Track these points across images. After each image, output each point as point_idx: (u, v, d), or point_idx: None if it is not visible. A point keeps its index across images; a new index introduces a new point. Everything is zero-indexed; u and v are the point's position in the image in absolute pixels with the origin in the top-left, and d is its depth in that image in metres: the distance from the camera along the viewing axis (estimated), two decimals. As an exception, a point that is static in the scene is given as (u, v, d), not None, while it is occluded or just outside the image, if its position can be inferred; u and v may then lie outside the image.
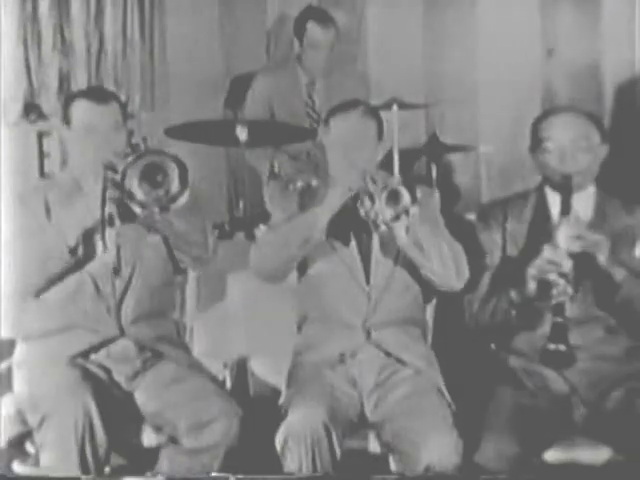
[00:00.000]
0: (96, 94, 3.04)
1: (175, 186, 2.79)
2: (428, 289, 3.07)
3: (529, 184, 3.12)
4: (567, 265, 2.74)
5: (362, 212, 2.85)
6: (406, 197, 2.79)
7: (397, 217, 2.81)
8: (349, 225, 2.99)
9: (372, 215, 2.82)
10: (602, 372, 2.88)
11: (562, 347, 2.74)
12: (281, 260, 2.98)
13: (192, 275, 3.25)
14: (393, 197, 2.80)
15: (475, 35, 5.04)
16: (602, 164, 3.00)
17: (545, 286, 2.77)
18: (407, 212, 2.79)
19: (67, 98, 3.12)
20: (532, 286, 2.79)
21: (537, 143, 2.97)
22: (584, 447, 2.80)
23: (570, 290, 2.74)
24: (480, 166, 5.06)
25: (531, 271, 2.78)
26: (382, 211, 2.81)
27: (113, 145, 2.92)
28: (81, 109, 2.98)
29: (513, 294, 2.84)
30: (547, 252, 2.76)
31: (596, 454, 2.79)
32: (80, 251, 2.89)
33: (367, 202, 2.84)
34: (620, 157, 4.64)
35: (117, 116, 2.99)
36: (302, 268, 3.07)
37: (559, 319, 2.75)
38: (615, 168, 4.42)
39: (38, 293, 2.94)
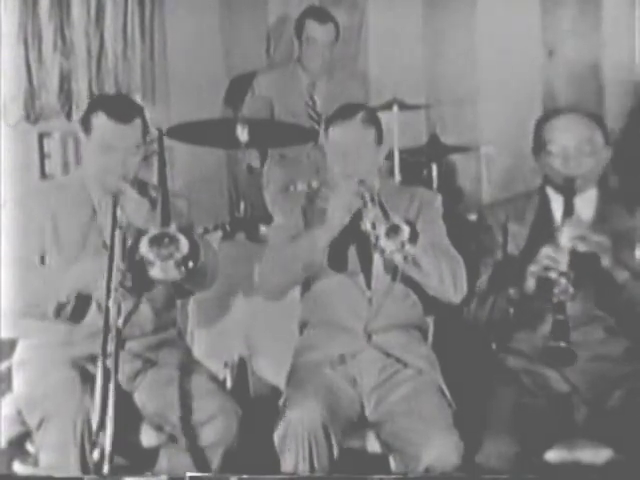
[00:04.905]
0: (120, 111, 2.89)
1: (183, 259, 2.70)
2: (428, 301, 3.07)
3: (530, 185, 3.12)
4: (567, 264, 2.73)
5: (363, 228, 2.86)
6: (405, 233, 2.78)
7: (396, 250, 2.80)
8: (350, 237, 2.99)
9: (372, 239, 2.82)
10: (602, 372, 2.88)
11: (562, 344, 2.73)
12: (286, 284, 3.02)
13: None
14: (393, 231, 2.79)
15: (475, 35, 5.04)
16: (604, 166, 3.00)
17: (545, 284, 2.76)
18: (404, 246, 2.78)
19: (91, 106, 3.00)
20: (531, 284, 2.79)
21: (540, 145, 2.97)
22: (585, 447, 2.80)
23: (571, 289, 2.73)
24: (481, 166, 5.05)
25: (531, 268, 2.78)
26: (382, 243, 2.80)
27: (126, 168, 2.87)
28: (102, 125, 2.88)
29: (512, 292, 2.84)
30: (548, 250, 2.76)
31: (597, 454, 2.79)
32: (67, 311, 2.85)
33: (368, 225, 2.83)
34: (620, 158, 4.66)
35: (137, 136, 2.91)
36: (305, 285, 3.09)
37: (560, 317, 2.74)
38: (616, 169, 4.43)
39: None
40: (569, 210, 2.82)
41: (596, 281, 2.84)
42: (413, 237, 2.76)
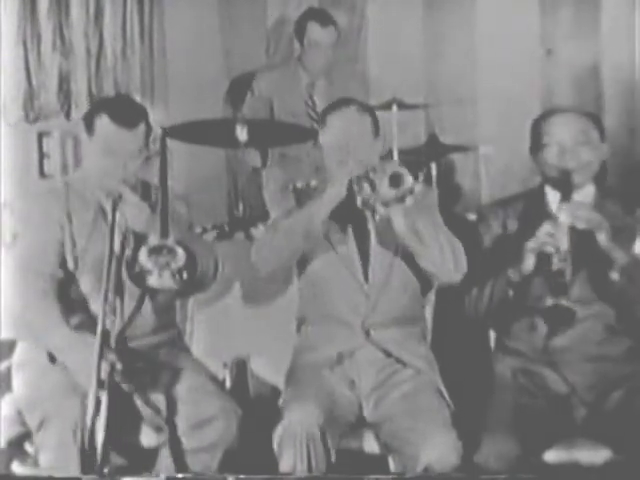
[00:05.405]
0: (124, 116, 2.85)
1: (179, 270, 2.75)
2: (426, 282, 3.07)
3: (529, 184, 3.12)
4: (565, 239, 2.73)
5: (360, 200, 2.85)
6: (408, 178, 2.78)
7: (401, 198, 2.80)
8: (347, 220, 2.99)
9: (371, 200, 2.82)
10: (602, 372, 2.88)
11: (563, 301, 2.73)
12: (282, 256, 2.99)
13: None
14: (395, 180, 2.79)
15: (475, 35, 5.04)
16: (601, 164, 3.00)
17: (543, 261, 2.76)
18: (412, 191, 2.78)
19: (95, 107, 2.99)
20: (530, 261, 2.78)
21: (538, 145, 2.97)
22: (584, 447, 2.80)
23: (570, 259, 2.73)
24: (480, 166, 5.06)
25: (530, 244, 2.77)
26: (384, 194, 2.79)
27: (127, 172, 2.86)
28: (105, 128, 2.85)
29: (511, 272, 2.84)
30: (547, 226, 2.76)
31: (596, 454, 2.79)
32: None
33: (367, 188, 2.83)
34: (619, 157, 4.66)
35: (140, 141, 2.88)
36: (301, 264, 3.08)
37: (560, 280, 2.73)
38: (614, 168, 4.43)
39: None
40: (567, 195, 2.82)
41: (594, 264, 2.84)
42: (416, 179, 2.77)
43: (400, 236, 2.92)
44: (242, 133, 4.14)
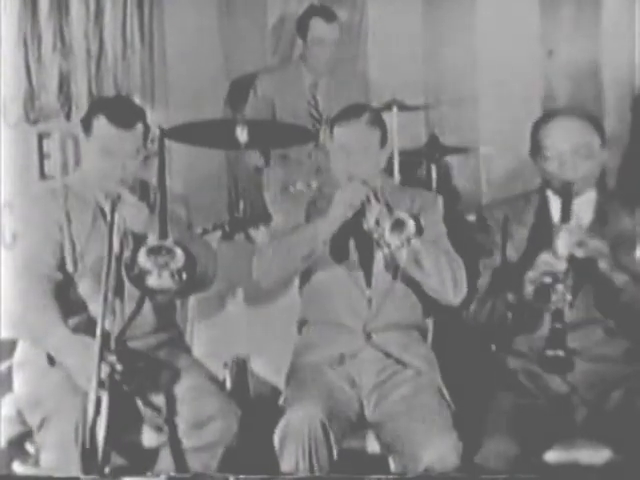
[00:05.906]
0: (121, 117, 2.87)
1: (178, 271, 2.77)
2: (427, 302, 3.08)
3: (529, 186, 3.12)
4: (564, 270, 2.73)
5: (365, 227, 2.87)
6: (411, 227, 2.78)
7: (401, 245, 2.81)
8: (351, 234, 3.00)
9: (376, 236, 2.83)
10: (602, 373, 2.88)
11: (560, 353, 2.74)
12: (285, 273, 3.02)
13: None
14: (398, 226, 2.80)
15: (475, 35, 5.04)
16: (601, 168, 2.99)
17: (543, 291, 2.76)
18: (409, 241, 2.79)
19: (92, 108, 2.99)
20: (529, 290, 2.78)
21: (537, 148, 2.96)
22: (584, 448, 2.80)
23: (569, 297, 2.73)
24: (480, 167, 5.06)
25: (529, 275, 2.77)
26: (387, 238, 2.80)
27: (126, 173, 2.87)
28: (102, 129, 2.87)
29: (510, 297, 2.84)
30: (545, 257, 2.75)
31: (596, 454, 2.79)
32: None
33: (371, 222, 2.84)
34: (619, 158, 4.66)
35: (138, 141, 2.90)
36: (305, 277, 3.09)
37: (558, 325, 2.74)
38: (615, 169, 4.43)
39: None
40: (566, 215, 2.81)
41: (595, 285, 2.84)
42: (418, 231, 2.77)
43: (403, 267, 2.95)
44: (242, 134, 4.13)
